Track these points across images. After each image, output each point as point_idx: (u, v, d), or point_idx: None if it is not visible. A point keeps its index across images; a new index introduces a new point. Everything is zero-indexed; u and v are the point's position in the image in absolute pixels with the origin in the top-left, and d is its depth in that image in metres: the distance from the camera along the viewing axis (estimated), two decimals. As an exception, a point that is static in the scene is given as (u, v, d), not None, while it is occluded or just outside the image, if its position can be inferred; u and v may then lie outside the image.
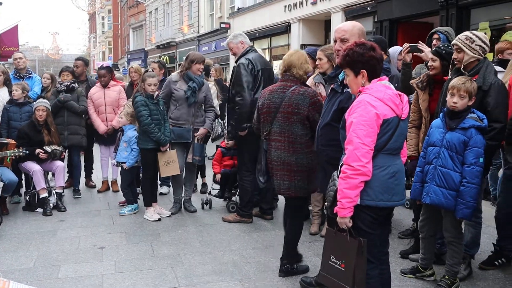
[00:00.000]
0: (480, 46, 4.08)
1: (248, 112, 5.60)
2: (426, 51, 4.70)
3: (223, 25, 25.18)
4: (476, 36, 4.11)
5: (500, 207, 4.56)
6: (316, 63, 5.13)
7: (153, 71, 7.09)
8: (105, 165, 7.74)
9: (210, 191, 6.86)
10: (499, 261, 4.55)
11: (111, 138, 7.27)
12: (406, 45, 4.77)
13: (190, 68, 6.14)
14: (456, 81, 3.86)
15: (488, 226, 5.33)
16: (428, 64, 4.44)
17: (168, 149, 6.12)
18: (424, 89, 4.51)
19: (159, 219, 6.03)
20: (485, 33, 4.41)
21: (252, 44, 6.26)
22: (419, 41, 4.78)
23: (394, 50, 5.85)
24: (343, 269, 3.08)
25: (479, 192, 3.80)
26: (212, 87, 7.44)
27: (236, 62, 5.92)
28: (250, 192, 5.95)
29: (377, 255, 3.17)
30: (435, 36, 5.02)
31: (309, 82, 5.23)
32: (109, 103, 7.37)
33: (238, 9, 24.08)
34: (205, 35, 28.90)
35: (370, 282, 3.09)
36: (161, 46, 35.66)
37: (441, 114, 3.98)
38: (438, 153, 3.86)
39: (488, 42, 4.16)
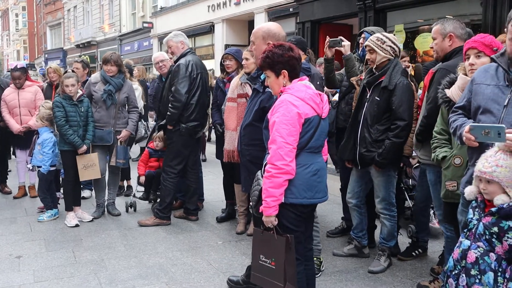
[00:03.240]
0: (390, 46, 4.28)
1: (178, 114, 5.58)
2: (347, 45, 4.81)
3: (145, 25, 24.75)
4: (387, 37, 4.32)
5: (417, 201, 4.79)
6: (243, 63, 5.15)
7: (73, 71, 6.85)
8: (21, 170, 7.35)
9: (134, 194, 6.71)
10: (416, 251, 4.78)
11: (27, 141, 6.91)
12: (327, 40, 4.85)
13: (104, 69, 6.03)
14: None
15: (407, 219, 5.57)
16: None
17: (89, 152, 5.91)
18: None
19: (77, 225, 5.80)
20: (395, 34, 4.61)
21: (191, 46, 6.19)
22: (340, 36, 4.87)
23: None
24: (274, 267, 3.10)
25: None
26: (137, 87, 7.28)
27: (175, 62, 5.82)
28: (172, 193, 5.89)
29: (302, 251, 3.23)
30: (362, 35, 5.12)
31: (235, 82, 5.25)
32: (24, 105, 7.01)
33: (161, 8, 23.75)
34: (127, 35, 28.28)
35: (296, 278, 3.14)
36: (81, 46, 34.49)
37: None
38: None
39: (398, 43, 4.39)
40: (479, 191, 2.74)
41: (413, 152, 4.58)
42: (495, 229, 2.58)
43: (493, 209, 2.60)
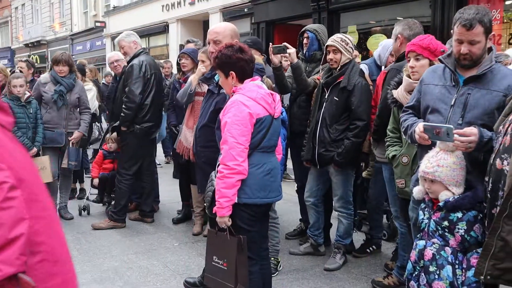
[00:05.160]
0: (351, 48, 4.36)
1: (132, 115, 5.51)
2: (292, 52, 4.61)
3: (98, 24, 24.25)
4: (348, 39, 4.39)
5: (371, 198, 4.88)
6: (199, 65, 5.11)
7: (21, 71, 6.66)
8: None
9: (87, 196, 6.56)
10: (370, 248, 4.88)
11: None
12: (270, 47, 4.62)
13: (55, 69, 5.86)
14: None
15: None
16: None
17: (40, 155, 5.74)
18: None
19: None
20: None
21: (144, 46, 6.10)
22: (284, 43, 4.65)
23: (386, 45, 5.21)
24: (226, 268, 3.10)
25: None
26: (91, 88, 7.13)
27: (128, 62, 5.73)
28: (127, 195, 5.80)
29: (257, 251, 3.23)
30: (305, 35, 5.06)
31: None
32: (-30, 106, 6.73)
33: (114, 7, 23.33)
34: (78, 34, 27.64)
35: (251, 278, 3.15)
36: (30, 45, 33.46)
37: None
38: None
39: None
40: (425, 190, 2.84)
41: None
42: (446, 223, 2.68)
43: (441, 204, 2.71)
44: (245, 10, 14.75)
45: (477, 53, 2.85)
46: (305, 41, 5.01)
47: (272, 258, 4.16)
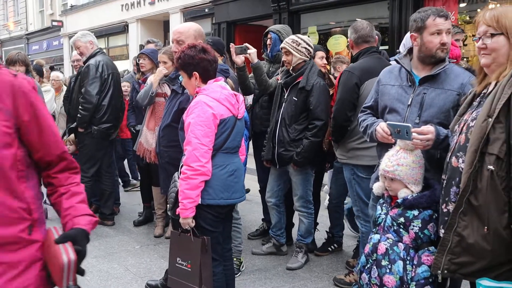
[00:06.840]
0: (305, 48, 4.39)
1: (89, 115, 5.43)
2: (252, 52, 4.61)
3: (55, 23, 23.70)
4: (301, 39, 4.41)
5: (332, 197, 4.93)
6: (161, 66, 5.05)
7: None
8: None
9: (45, 200, 6.36)
10: (332, 246, 4.94)
11: None
12: (232, 48, 4.63)
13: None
14: None
15: (322, 216, 5.74)
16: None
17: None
18: None
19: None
20: (309, 36, 4.69)
21: (104, 46, 6.02)
22: (245, 43, 4.68)
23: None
24: (190, 270, 3.08)
25: None
26: (50, 89, 6.98)
27: (84, 63, 5.62)
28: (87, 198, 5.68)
29: (220, 252, 3.23)
30: (269, 35, 5.07)
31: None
32: None
33: (71, 6, 22.86)
34: (34, 33, 26.94)
35: (215, 279, 3.14)
36: (-18, 44, 32.43)
37: None
38: None
39: (312, 45, 4.49)
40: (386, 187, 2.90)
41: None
42: (402, 219, 2.75)
43: (399, 201, 2.77)
44: (206, 10, 14.69)
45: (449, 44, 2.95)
46: (268, 41, 5.03)
47: (235, 259, 4.15)
